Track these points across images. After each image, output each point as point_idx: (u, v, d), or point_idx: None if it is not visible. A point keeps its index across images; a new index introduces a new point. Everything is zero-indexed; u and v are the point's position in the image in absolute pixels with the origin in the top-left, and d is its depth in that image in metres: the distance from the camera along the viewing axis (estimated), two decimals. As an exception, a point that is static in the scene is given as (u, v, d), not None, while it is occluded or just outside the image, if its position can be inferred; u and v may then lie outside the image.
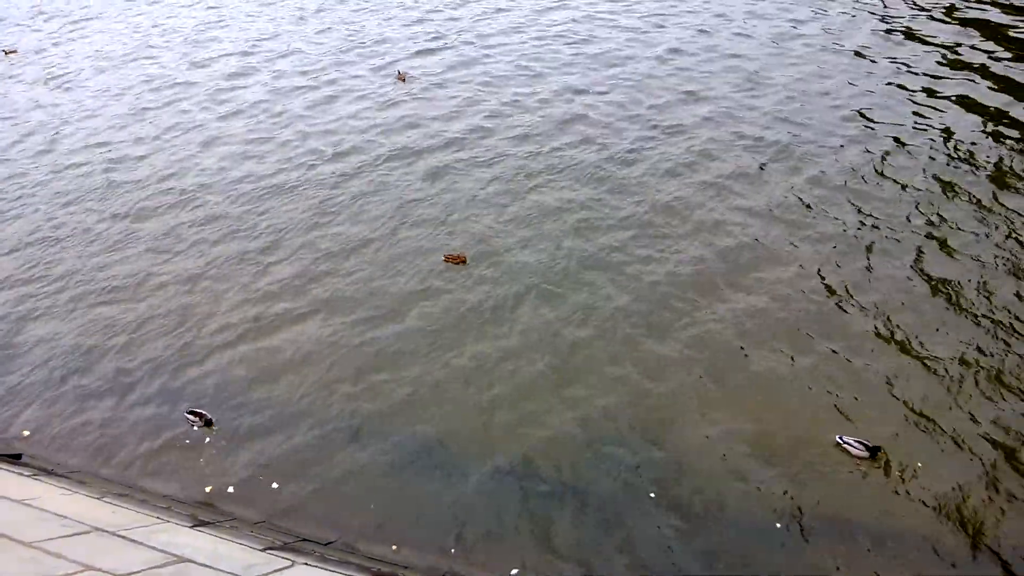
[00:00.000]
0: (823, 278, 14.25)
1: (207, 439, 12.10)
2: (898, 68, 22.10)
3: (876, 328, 13.01)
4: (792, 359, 12.56)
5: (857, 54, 23.25)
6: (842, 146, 18.43)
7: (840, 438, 10.96)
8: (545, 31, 27.62)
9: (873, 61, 22.72)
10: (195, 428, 12.21)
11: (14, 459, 11.62)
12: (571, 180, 18.13)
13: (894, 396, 11.71)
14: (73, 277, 16.56)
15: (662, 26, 26.96)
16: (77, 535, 8.79)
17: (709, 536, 10.05)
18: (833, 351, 12.63)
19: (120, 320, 15.05)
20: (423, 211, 17.48)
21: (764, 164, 18.04)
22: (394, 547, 10.18)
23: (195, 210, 18.59)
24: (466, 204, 17.57)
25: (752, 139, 19.10)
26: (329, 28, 30.27)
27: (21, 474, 10.76)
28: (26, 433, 12.64)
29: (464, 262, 15.29)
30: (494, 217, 16.99)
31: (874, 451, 10.70)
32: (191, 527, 9.67)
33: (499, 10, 30.28)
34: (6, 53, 30.57)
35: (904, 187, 16.67)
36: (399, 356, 13.36)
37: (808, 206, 16.36)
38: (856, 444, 10.80)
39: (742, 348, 12.86)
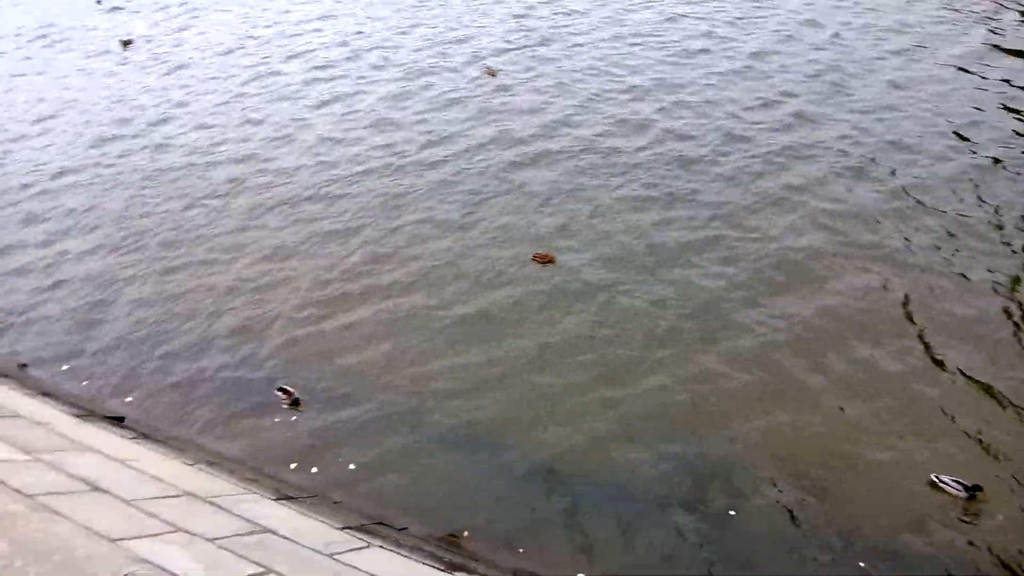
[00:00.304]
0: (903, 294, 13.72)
1: (294, 417, 12.57)
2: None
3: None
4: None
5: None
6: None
7: (936, 476, 10.36)
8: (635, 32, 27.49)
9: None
10: (284, 406, 12.69)
11: (118, 421, 12.35)
12: (659, 177, 18.17)
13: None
14: (171, 248, 17.54)
15: (751, 32, 26.44)
16: (170, 497, 9.29)
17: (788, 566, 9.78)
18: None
19: (216, 291, 15.85)
20: (508, 202, 17.81)
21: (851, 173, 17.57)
22: (465, 533, 10.33)
23: (286, 189, 19.40)
24: (552, 197, 17.78)
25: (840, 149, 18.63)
26: (420, 24, 30.86)
27: (124, 436, 11.43)
28: (129, 399, 13.42)
29: (553, 261, 15.34)
30: (579, 211, 17.21)
31: (973, 491, 10.04)
32: (275, 500, 10.07)
33: (596, 6, 30.23)
34: (124, 45, 31.81)
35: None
36: (490, 346, 13.55)
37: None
38: (953, 483, 10.18)
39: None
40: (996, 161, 17.54)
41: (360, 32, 30.52)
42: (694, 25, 27.58)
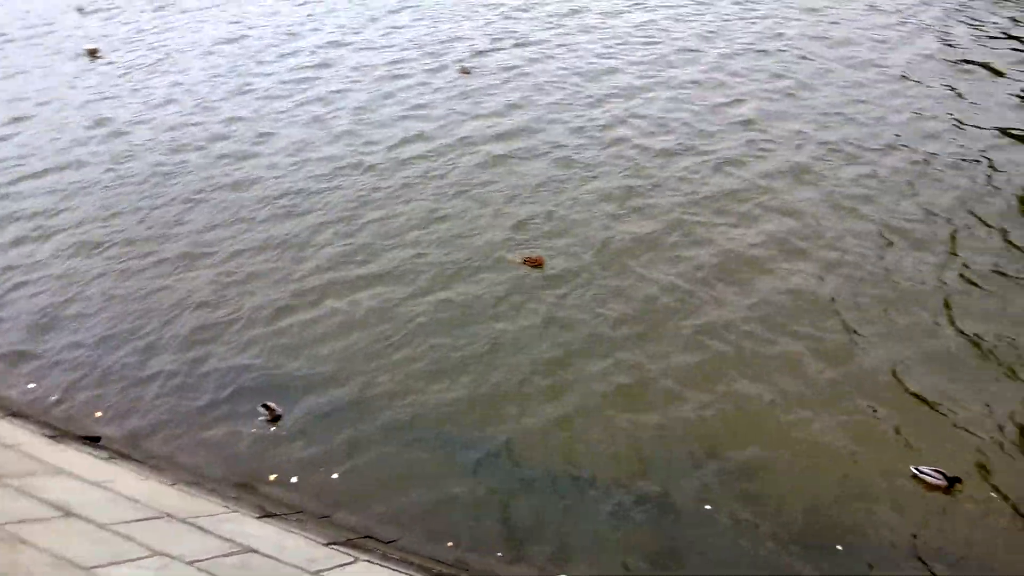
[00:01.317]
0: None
1: (272, 429, 12.26)
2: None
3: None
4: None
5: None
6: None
7: (916, 468, 10.39)
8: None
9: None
10: (264, 420, 12.37)
11: (93, 441, 11.97)
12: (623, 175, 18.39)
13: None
14: (136, 252, 17.19)
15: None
16: (148, 519, 8.98)
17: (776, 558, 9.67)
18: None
19: (186, 297, 15.51)
20: (478, 197, 18.02)
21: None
22: (449, 544, 10.10)
23: (261, 187, 19.33)
24: (528, 190, 18.03)
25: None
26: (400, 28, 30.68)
27: (98, 457, 11.07)
28: (99, 414, 12.98)
29: (542, 265, 15.18)
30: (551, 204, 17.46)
31: (953, 481, 10.09)
32: (257, 518, 9.78)
33: (573, 11, 30.11)
34: (91, 53, 30.42)
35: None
36: (477, 355, 13.33)
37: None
38: (933, 473, 10.22)
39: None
40: (928, 162, 17.68)
41: (334, 40, 30.24)
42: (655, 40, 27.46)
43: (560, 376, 12.68)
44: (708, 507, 10.33)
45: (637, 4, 30.40)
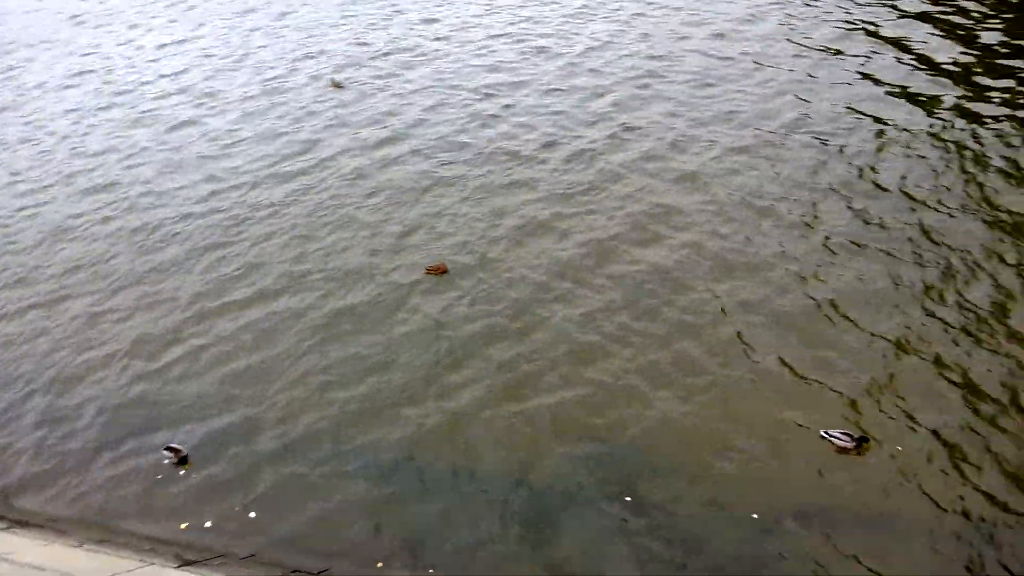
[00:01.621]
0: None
1: (180, 472, 11.92)
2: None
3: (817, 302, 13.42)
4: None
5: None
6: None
7: (824, 431, 10.93)
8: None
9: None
10: (168, 463, 11.99)
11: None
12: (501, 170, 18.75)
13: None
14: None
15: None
16: (58, 587, 8.63)
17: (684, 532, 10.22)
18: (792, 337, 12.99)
19: (68, 341, 14.85)
20: (357, 209, 18.00)
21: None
22: (379, 564, 10.19)
23: (134, 217, 18.70)
24: (411, 195, 18.24)
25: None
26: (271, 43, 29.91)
27: (-8, 528, 10.47)
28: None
29: (445, 272, 15.32)
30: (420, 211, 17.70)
31: (860, 441, 10.67)
32: (176, 567, 9.55)
33: (431, 20, 30.11)
34: None
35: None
36: (373, 366, 13.36)
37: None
38: (841, 436, 10.78)
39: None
40: (781, 142, 18.72)
41: (212, 54, 29.17)
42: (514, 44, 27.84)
43: (453, 378, 12.88)
44: (599, 491, 10.76)
45: (491, 9, 30.41)
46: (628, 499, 10.64)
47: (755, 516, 10.23)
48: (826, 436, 10.90)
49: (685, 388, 12.22)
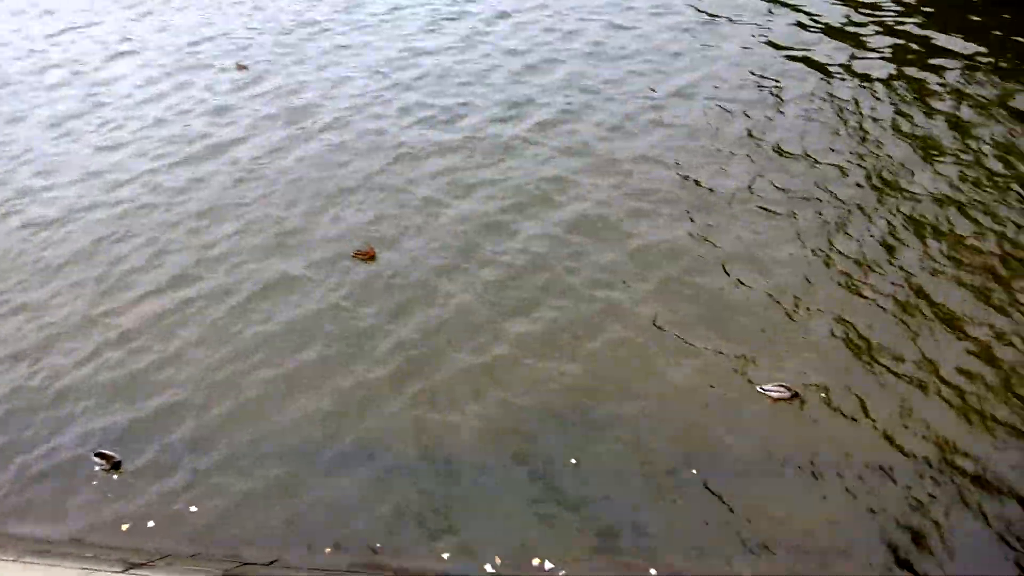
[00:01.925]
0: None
1: (115, 476, 11.77)
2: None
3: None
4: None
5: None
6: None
7: (760, 387, 11.61)
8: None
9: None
10: (102, 470, 11.81)
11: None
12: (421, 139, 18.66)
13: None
14: None
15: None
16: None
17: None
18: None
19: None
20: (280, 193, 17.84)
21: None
22: (328, 550, 10.39)
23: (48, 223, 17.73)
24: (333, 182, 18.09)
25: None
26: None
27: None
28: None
29: (373, 258, 15.30)
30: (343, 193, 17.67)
31: (794, 395, 11.42)
32: (123, 572, 9.52)
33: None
34: None
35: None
36: (315, 358, 13.37)
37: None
38: (777, 388, 11.50)
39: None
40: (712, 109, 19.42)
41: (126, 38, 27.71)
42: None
43: (408, 364, 12.98)
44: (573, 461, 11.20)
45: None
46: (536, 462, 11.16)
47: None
48: (762, 391, 11.60)
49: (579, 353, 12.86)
